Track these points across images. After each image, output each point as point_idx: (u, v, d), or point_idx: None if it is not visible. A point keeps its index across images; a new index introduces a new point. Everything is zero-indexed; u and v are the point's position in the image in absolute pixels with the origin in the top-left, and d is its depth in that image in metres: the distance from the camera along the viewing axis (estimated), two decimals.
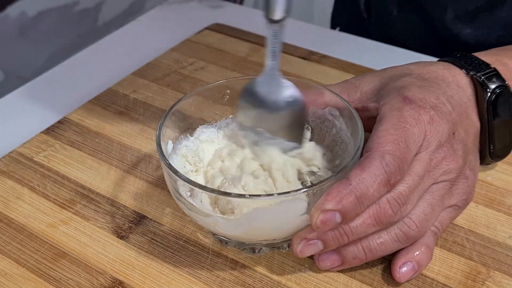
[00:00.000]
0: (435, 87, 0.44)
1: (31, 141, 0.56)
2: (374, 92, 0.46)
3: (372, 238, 0.41)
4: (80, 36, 0.92)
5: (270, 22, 0.42)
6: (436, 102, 0.43)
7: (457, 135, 0.43)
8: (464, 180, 0.43)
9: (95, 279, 0.43)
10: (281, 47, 0.43)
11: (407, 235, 0.41)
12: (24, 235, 0.47)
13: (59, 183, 0.51)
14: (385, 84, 0.46)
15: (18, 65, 0.85)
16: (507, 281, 0.42)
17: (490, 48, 0.52)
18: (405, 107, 0.42)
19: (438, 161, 0.42)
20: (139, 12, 0.99)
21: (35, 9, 0.84)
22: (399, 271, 0.42)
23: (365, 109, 0.46)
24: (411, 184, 0.40)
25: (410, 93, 0.43)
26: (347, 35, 0.73)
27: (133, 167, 0.53)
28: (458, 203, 0.44)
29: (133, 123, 0.58)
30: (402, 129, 0.40)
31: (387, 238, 0.41)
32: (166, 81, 0.64)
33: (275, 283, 0.43)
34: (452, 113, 0.43)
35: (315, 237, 0.40)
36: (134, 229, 0.47)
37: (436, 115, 0.42)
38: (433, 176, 0.42)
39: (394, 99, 0.43)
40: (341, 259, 0.41)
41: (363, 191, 0.38)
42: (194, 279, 0.43)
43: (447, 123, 0.42)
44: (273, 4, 0.41)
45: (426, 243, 0.42)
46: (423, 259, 0.42)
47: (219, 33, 0.72)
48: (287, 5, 0.41)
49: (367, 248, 0.41)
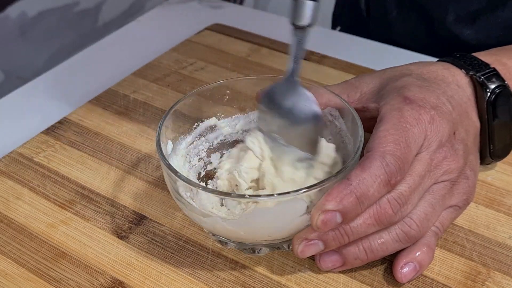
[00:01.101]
0: (435, 87, 0.44)
1: (31, 141, 0.56)
2: (374, 93, 0.46)
3: (373, 238, 0.41)
4: (80, 36, 0.92)
5: (295, 28, 0.42)
6: (437, 102, 0.43)
7: (458, 135, 0.43)
8: (464, 180, 0.43)
9: (95, 279, 0.43)
10: (304, 53, 0.43)
11: (408, 235, 0.41)
12: (24, 236, 0.47)
13: (59, 184, 0.51)
14: (385, 84, 0.46)
15: (18, 65, 0.86)
16: (507, 281, 0.42)
17: (490, 48, 0.52)
18: (405, 107, 0.42)
19: (439, 161, 0.42)
20: (139, 13, 0.99)
21: (35, 9, 0.85)
22: (400, 271, 0.42)
23: (365, 110, 0.46)
24: (411, 184, 0.40)
25: (410, 93, 0.43)
26: (347, 35, 0.73)
27: (133, 168, 0.53)
28: (458, 203, 0.43)
29: (133, 123, 0.58)
30: (402, 129, 0.40)
31: (388, 238, 0.41)
32: (166, 82, 0.64)
33: (275, 284, 0.43)
34: (452, 113, 0.43)
35: (315, 237, 0.40)
36: (134, 229, 0.47)
37: (437, 115, 0.42)
38: (434, 176, 0.42)
39: (394, 99, 0.43)
40: (342, 259, 0.41)
41: (364, 191, 0.38)
42: (194, 280, 0.43)
43: (447, 123, 0.42)
44: (301, 10, 0.41)
45: (427, 243, 0.42)
46: (424, 259, 0.42)
47: (219, 34, 0.72)
48: (314, 13, 0.41)
49: (368, 249, 0.41)
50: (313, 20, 0.42)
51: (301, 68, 0.44)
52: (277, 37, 0.70)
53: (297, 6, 0.42)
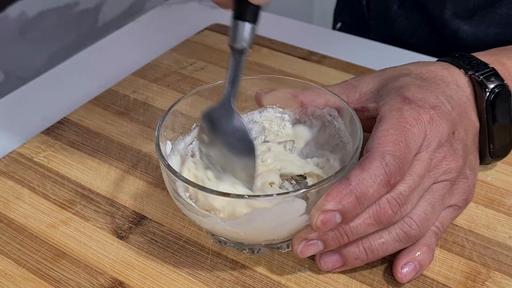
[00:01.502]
0: (434, 87, 0.44)
1: (31, 142, 0.56)
2: (373, 93, 0.46)
3: (373, 238, 0.41)
4: (80, 36, 0.92)
5: (233, 50, 0.42)
6: (436, 101, 0.43)
7: (457, 135, 0.43)
8: (464, 180, 0.43)
9: (95, 280, 0.43)
10: (240, 76, 0.43)
11: (408, 234, 0.41)
12: (24, 236, 0.47)
13: (59, 184, 0.51)
14: (384, 84, 0.46)
15: (18, 65, 0.86)
16: (507, 281, 0.42)
17: (488, 45, 0.52)
18: (404, 107, 0.42)
19: (438, 161, 0.42)
20: (139, 13, 0.99)
21: (35, 9, 0.85)
22: (401, 271, 0.42)
23: (365, 110, 0.46)
24: (411, 184, 0.40)
25: (409, 93, 0.43)
26: (347, 35, 0.73)
27: (133, 168, 0.53)
28: (458, 203, 0.43)
29: (133, 123, 0.58)
30: (402, 129, 0.40)
31: (388, 238, 0.41)
32: (166, 82, 0.64)
33: (275, 284, 0.43)
34: (451, 113, 0.43)
35: (315, 237, 0.40)
36: (134, 229, 0.47)
37: (436, 115, 0.42)
38: (434, 175, 0.42)
39: (394, 99, 0.43)
40: (342, 260, 0.41)
41: (363, 191, 0.38)
42: (194, 280, 0.43)
43: (447, 122, 0.42)
44: (238, 32, 0.42)
45: (427, 243, 0.42)
46: (424, 259, 0.42)
47: (219, 34, 0.72)
48: (250, 38, 0.42)
49: (368, 249, 0.41)
50: (248, 45, 0.42)
51: (238, 92, 0.43)
52: (277, 37, 0.70)
53: (234, 27, 0.42)
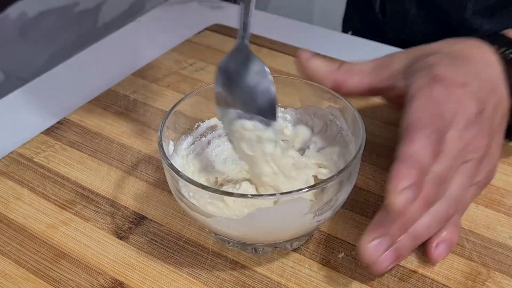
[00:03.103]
0: (464, 65, 0.44)
1: (31, 142, 0.56)
2: (404, 71, 0.46)
3: (418, 224, 0.41)
4: (80, 36, 0.92)
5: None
6: (465, 80, 0.43)
7: (485, 113, 0.43)
8: (488, 159, 0.44)
9: (95, 280, 0.43)
10: (251, 20, 0.44)
11: (447, 214, 0.41)
12: (24, 236, 0.47)
13: (59, 184, 0.51)
14: (414, 62, 0.45)
15: (18, 65, 0.85)
16: (507, 281, 0.42)
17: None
18: (434, 85, 0.42)
19: (467, 140, 0.42)
20: (139, 13, 0.99)
21: (35, 9, 0.84)
22: (434, 252, 0.42)
23: (394, 88, 0.46)
24: (446, 164, 0.40)
25: (439, 72, 0.43)
26: (359, 39, 0.73)
27: (133, 168, 0.53)
28: (480, 182, 0.44)
29: (133, 123, 0.58)
30: (431, 108, 0.41)
31: (430, 220, 0.41)
32: (166, 82, 0.64)
33: (275, 284, 0.43)
34: (480, 91, 0.43)
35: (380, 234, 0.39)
36: (134, 229, 0.47)
37: (465, 93, 0.42)
38: (463, 154, 0.42)
39: (423, 78, 0.43)
40: (395, 254, 0.41)
41: (419, 161, 0.38)
42: (194, 280, 0.43)
43: (475, 100, 0.42)
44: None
45: (453, 221, 0.43)
46: (454, 237, 0.43)
47: (219, 34, 0.72)
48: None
49: (416, 236, 0.41)
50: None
51: (250, 35, 0.44)
52: (277, 37, 0.70)
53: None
